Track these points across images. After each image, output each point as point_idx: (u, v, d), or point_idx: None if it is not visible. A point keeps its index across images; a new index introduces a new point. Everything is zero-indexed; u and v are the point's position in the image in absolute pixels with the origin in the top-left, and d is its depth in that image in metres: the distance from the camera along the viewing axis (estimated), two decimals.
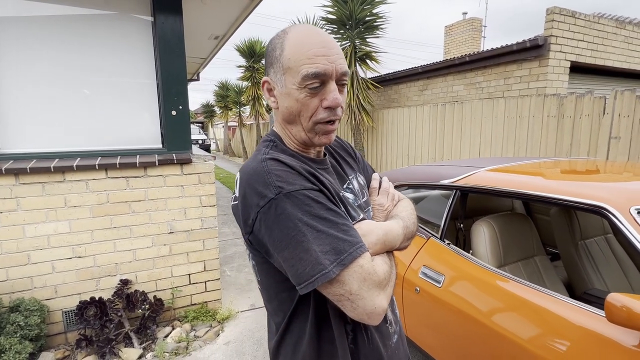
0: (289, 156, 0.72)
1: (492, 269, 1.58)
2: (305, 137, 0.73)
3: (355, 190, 0.85)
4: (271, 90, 0.74)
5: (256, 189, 0.64)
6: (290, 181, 0.64)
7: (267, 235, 0.63)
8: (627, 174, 1.83)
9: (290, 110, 0.71)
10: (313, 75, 0.67)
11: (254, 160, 0.70)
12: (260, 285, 0.79)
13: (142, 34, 2.45)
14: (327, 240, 0.60)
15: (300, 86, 0.68)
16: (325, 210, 0.63)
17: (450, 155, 5.79)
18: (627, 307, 1.02)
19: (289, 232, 0.61)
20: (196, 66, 5.85)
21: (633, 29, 5.86)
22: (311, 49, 0.67)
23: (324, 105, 0.69)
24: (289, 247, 0.61)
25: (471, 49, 10.60)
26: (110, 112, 2.43)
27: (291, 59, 0.68)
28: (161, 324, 2.59)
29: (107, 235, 2.39)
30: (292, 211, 0.61)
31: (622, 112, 3.72)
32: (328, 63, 0.68)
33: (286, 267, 0.62)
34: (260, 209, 0.63)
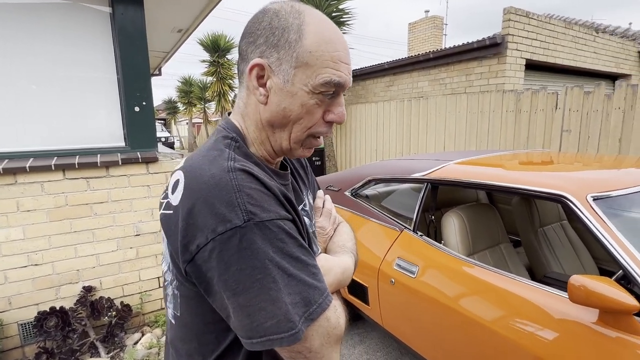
0: (255, 165, 0.57)
1: (462, 258, 1.64)
2: (287, 146, 0.61)
3: (309, 212, 0.74)
4: (263, 77, 0.57)
5: (215, 207, 0.48)
6: (264, 206, 0.50)
7: (219, 272, 0.48)
8: (579, 164, 1.97)
9: (288, 113, 0.57)
10: (336, 85, 0.56)
11: (214, 163, 0.53)
12: (175, 320, 0.61)
13: (99, 26, 2.30)
14: (298, 287, 0.49)
15: (314, 91, 0.55)
16: (297, 247, 0.52)
17: (417, 149, 5.96)
18: (584, 286, 1.10)
19: (254, 274, 0.47)
20: (158, 60, 5.60)
21: (579, 30, 6.30)
22: (338, 51, 0.56)
23: (328, 119, 0.59)
24: (248, 292, 0.47)
25: (433, 46, 10.93)
26: (67, 110, 2.27)
27: (314, 54, 0.55)
28: (130, 330, 2.48)
29: (66, 240, 2.24)
30: (262, 246, 0.48)
31: (572, 107, 4.00)
32: (348, 74, 0.58)
33: (237, 314, 0.48)
34: (217, 235, 0.47)
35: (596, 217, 1.24)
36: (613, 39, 7.09)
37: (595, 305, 1.08)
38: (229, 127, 0.62)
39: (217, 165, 0.52)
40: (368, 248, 2.05)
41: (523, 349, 1.27)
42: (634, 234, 1.23)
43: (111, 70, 2.38)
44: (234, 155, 0.55)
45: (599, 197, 1.30)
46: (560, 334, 1.20)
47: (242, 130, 0.62)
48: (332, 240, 0.75)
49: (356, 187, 2.34)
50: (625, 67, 7.51)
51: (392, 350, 2.37)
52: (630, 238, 1.19)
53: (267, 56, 0.56)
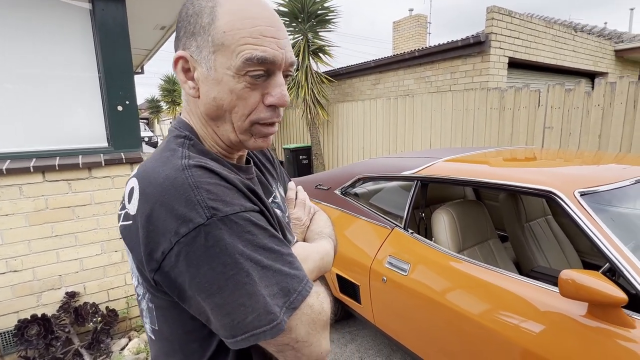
0: (213, 161, 0.55)
1: (453, 255, 1.66)
2: (235, 138, 0.57)
3: (281, 204, 0.72)
4: (189, 70, 0.55)
5: (174, 209, 0.46)
6: (226, 200, 0.48)
7: (189, 275, 0.46)
8: (562, 160, 2.02)
9: (220, 103, 0.54)
10: (259, 60, 0.51)
11: (167, 164, 0.50)
12: (154, 335, 0.58)
13: (79, 22, 2.22)
14: (274, 278, 0.48)
15: (239, 73, 0.51)
16: (269, 237, 0.50)
17: (403, 147, 6.00)
18: (572, 279, 1.12)
19: (226, 271, 0.45)
20: (141, 58, 5.47)
21: (559, 29, 6.46)
22: (257, 25, 0.51)
23: (268, 102, 0.54)
24: (223, 290, 0.45)
25: (418, 45, 11.04)
26: (46, 109, 2.18)
27: (228, 33, 0.51)
28: (116, 335, 2.41)
29: (47, 245, 2.16)
30: (231, 241, 0.46)
31: (554, 104, 4.10)
32: (278, 48, 0.52)
33: (215, 315, 0.47)
34: (181, 238, 0.45)
35: (584, 212, 1.26)
36: (591, 38, 7.30)
37: (584, 298, 1.10)
38: (180, 126, 0.59)
39: (171, 165, 0.50)
40: (359, 247, 2.05)
41: (514, 343, 1.29)
42: (620, 228, 1.26)
43: (92, 69, 2.30)
44: (187, 153, 0.53)
45: (586, 192, 1.33)
46: (551, 327, 1.23)
47: (195, 128, 0.59)
48: (309, 229, 0.74)
49: (346, 186, 2.34)
50: (603, 65, 7.75)
51: (383, 347, 2.38)
52: (617, 232, 1.22)
53: (188, 47, 0.54)
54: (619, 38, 8.38)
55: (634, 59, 8.43)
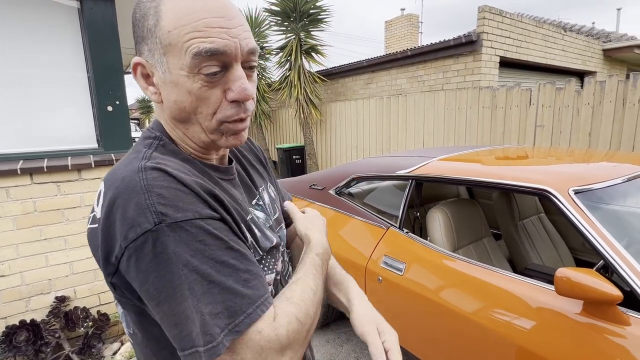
0: (182, 162, 0.53)
1: (448, 254, 1.66)
2: (206, 139, 0.54)
3: (266, 205, 0.68)
4: (149, 76, 0.53)
5: (125, 212, 0.44)
6: (178, 205, 0.45)
7: (140, 281, 0.45)
8: (554, 158, 2.03)
9: (181, 105, 0.51)
10: (208, 53, 0.47)
11: (128, 166, 0.48)
12: (131, 339, 0.58)
13: (67, 21, 2.18)
14: (220, 296, 0.44)
15: (192, 71, 0.48)
16: (225, 250, 0.47)
17: (396, 146, 6.02)
18: (567, 277, 1.12)
19: (172, 281, 0.43)
20: (130, 57, 5.40)
21: (549, 28, 6.53)
22: (202, 18, 0.48)
23: (230, 98, 0.51)
24: (169, 300, 0.44)
25: (410, 44, 11.08)
26: (33, 110, 2.13)
27: (173, 31, 0.48)
28: (108, 340, 2.37)
29: (36, 249, 2.11)
30: (178, 250, 0.43)
31: (545, 102, 4.14)
32: (229, 37, 0.49)
33: (164, 324, 0.45)
34: (130, 243, 0.43)
35: (578, 210, 1.27)
36: (579, 37, 7.40)
37: (580, 296, 1.11)
38: (153, 127, 0.58)
39: (130, 166, 0.48)
40: (354, 247, 2.04)
41: (511, 341, 1.29)
42: (614, 226, 1.27)
43: (81, 68, 2.25)
44: (150, 154, 0.51)
45: (580, 190, 1.34)
46: (546, 325, 1.23)
47: (167, 129, 0.57)
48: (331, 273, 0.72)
49: (340, 186, 2.33)
50: (591, 64, 7.86)
51: None
52: (610, 229, 1.23)
53: (142, 52, 0.52)
54: (607, 37, 8.51)
55: (622, 58, 8.57)
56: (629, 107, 3.53)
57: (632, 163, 1.68)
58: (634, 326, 1.07)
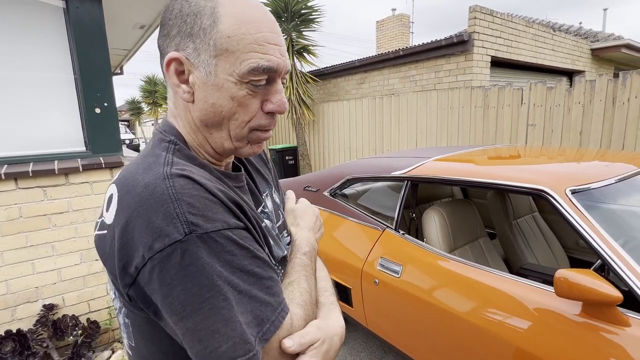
0: (199, 168, 0.52)
1: (445, 255, 1.64)
2: (230, 146, 0.54)
3: (270, 212, 0.67)
4: (183, 73, 0.51)
5: (151, 221, 0.42)
6: (208, 215, 0.44)
7: (163, 294, 0.43)
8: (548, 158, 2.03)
9: (219, 109, 0.50)
10: (265, 70, 0.49)
11: (148, 171, 0.47)
12: (131, 352, 0.56)
13: (52, 21, 2.11)
14: (250, 305, 0.44)
15: (242, 80, 0.49)
16: (250, 259, 0.46)
17: (389, 146, 6.02)
18: (566, 278, 1.11)
19: (202, 293, 0.42)
20: (119, 58, 5.30)
21: (539, 28, 6.60)
22: (261, 32, 0.49)
23: (267, 109, 0.52)
24: (197, 314, 0.42)
25: (401, 44, 11.11)
26: (18, 113, 2.07)
27: (233, 39, 0.48)
28: (98, 348, 2.31)
29: (22, 256, 2.05)
30: (209, 261, 0.42)
31: (536, 102, 4.17)
32: (280, 56, 0.51)
33: (187, 340, 0.43)
34: (155, 254, 0.42)
35: (576, 210, 1.26)
36: (568, 37, 7.49)
37: (579, 297, 1.10)
38: (166, 130, 0.55)
39: (152, 172, 0.46)
40: (350, 249, 2.01)
41: (508, 343, 1.28)
42: (611, 225, 1.27)
43: (68, 69, 2.19)
44: (171, 160, 0.49)
45: (577, 190, 1.33)
46: (544, 326, 1.22)
47: (183, 132, 0.55)
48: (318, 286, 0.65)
49: (335, 187, 2.30)
50: (580, 64, 7.96)
51: (375, 349, 2.36)
52: (608, 229, 1.22)
53: (183, 48, 0.50)
54: (595, 37, 8.64)
55: (609, 57, 8.69)
56: (619, 106, 3.57)
57: (624, 162, 1.69)
58: (634, 327, 1.06)
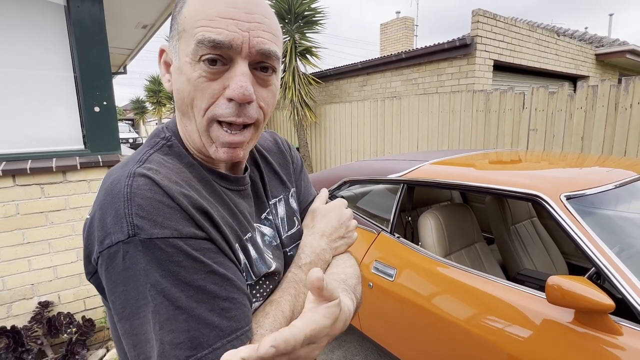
0: (184, 167, 0.49)
1: (440, 259, 1.63)
2: (199, 141, 0.50)
3: (278, 219, 0.62)
4: (169, 64, 0.52)
5: (105, 217, 0.42)
6: (157, 220, 0.41)
7: (108, 291, 0.42)
8: (547, 163, 2.02)
9: (182, 95, 0.48)
10: (210, 43, 0.44)
11: (124, 167, 0.46)
12: (113, 338, 0.56)
13: (53, 20, 2.13)
14: (186, 324, 0.40)
15: (194, 59, 0.46)
16: (204, 274, 0.42)
17: (391, 149, 6.00)
18: (559, 286, 1.10)
19: (137, 300, 0.40)
20: (122, 58, 5.33)
21: (542, 32, 6.57)
22: (216, 7, 0.45)
23: (226, 95, 0.47)
24: (131, 318, 0.41)
25: (405, 47, 11.10)
26: (17, 111, 2.08)
27: (188, 17, 0.46)
28: (93, 346, 2.31)
29: (18, 253, 2.05)
30: (147, 269, 0.40)
31: (538, 106, 4.15)
32: (238, 30, 0.45)
33: (124, 342, 0.42)
34: (104, 249, 0.41)
35: (570, 216, 1.25)
36: (572, 42, 7.45)
37: (571, 305, 1.08)
38: (168, 126, 0.56)
39: (124, 169, 0.46)
40: None
41: (501, 350, 1.26)
42: (606, 232, 1.25)
43: (67, 68, 2.20)
44: (147, 157, 0.48)
45: (572, 196, 1.32)
46: (538, 333, 1.20)
47: (179, 127, 0.54)
48: (330, 271, 0.59)
49: (332, 189, 2.29)
50: (584, 69, 7.92)
51: (370, 353, 2.34)
52: (602, 235, 1.21)
53: (170, 39, 0.51)
54: (600, 42, 8.59)
55: (614, 62, 8.65)
56: (621, 112, 3.54)
57: (624, 168, 1.67)
58: (626, 336, 1.04)
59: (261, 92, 0.50)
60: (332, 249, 0.62)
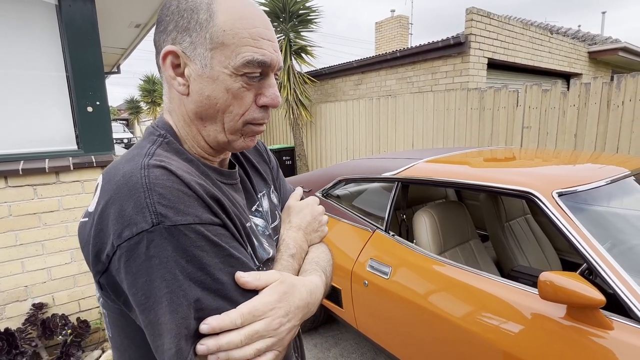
0: (185, 162, 0.52)
1: (434, 257, 1.64)
2: (223, 139, 0.54)
3: (265, 212, 0.66)
4: (179, 66, 0.53)
5: (122, 209, 0.42)
6: (179, 207, 0.43)
7: (128, 284, 0.43)
8: (540, 160, 2.03)
9: (214, 101, 0.51)
10: (259, 64, 0.51)
11: (131, 161, 0.47)
12: (110, 342, 0.56)
13: (44, 19, 2.11)
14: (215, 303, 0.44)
15: (237, 73, 0.50)
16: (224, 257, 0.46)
17: (386, 147, 6.02)
18: (551, 282, 1.11)
19: (162, 288, 0.41)
20: (116, 57, 5.29)
21: (536, 30, 6.61)
22: (256, 27, 0.51)
23: (261, 103, 0.53)
24: (156, 308, 0.41)
25: (400, 45, 11.12)
26: (9, 110, 2.06)
27: (228, 32, 0.49)
28: (88, 348, 2.30)
29: (11, 255, 2.04)
30: (174, 255, 0.42)
31: (532, 104, 4.17)
32: (274, 52, 0.53)
33: (149, 334, 0.43)
34: (124, 242, 0.42)
35: (562, 212, 1.26)
36: (566, 39, 7.50)
37: (563, 300, 1.09)
38: (159, 125, 0.57)
39: (133, 163, 0.47)
40: (341, 250, 2.01)
41: (495, 346, 1.28)
42: (598, 228, 1.27)
43: (60, 68, 2.18)
44: (154, 151, 0.50)
45: (564, 193, 1.33)
46: (531, 329, 1.22)
47: (175, 127, 0.56)
48: (306, 256, 0.66)
49: (327, 188, 2.30)
50: (577, 66, 7.98)
51: (367, 351, 2.35)
52: (594, 232, 1.22)
53: (180, 42, 0.52)
54: (592, 40, 8.66)
55: (606, 60, 8.72)
56: (613, 109, 3.57)
57: (616, 164, 1.69)
58: (617, 330, 1.06)
59: None
60: (308, 240, 0.68)
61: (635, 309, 1.05)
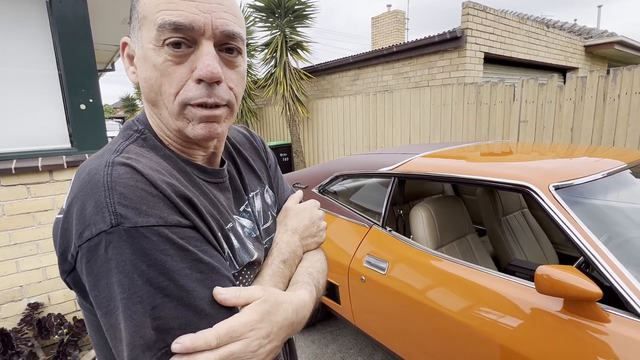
0: (162, 159, 0.49)
1: (431, 252, 1.64)
2: (174, 126, 0.50)
3: (256, 212, 0.63)
4: (132, 57, 0.51)
5: (83, 209, 0.40)
6: (141, 208, 0.40)
7: (90, 285, 0.41)
8: (537, 154, 2.03)
9: (149, 83, 0.48)
10: (172, 25, 0.44)
11: (99, 158, 0.45)
12: (91, 341, 0.54)
13: (35, 16, 2.08)
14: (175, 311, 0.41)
15: (158, 44, 0.45)
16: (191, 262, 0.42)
17: (383, 142, 6.01)
18: (548, 275, 1.11)
19: (122, 292, 0.39)
20: (109, 54, 5.23)
21: (532, 24, 6.60)
22: None
23: (194, 76, 0.46)
24: (116, 312, 0.39)
25: (396, 40, 11.08)
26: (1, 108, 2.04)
27: (147, 3, 0.46)
28: (85, 347, 2.29)
29: (5, 254, 2.02)
30: (133, 258, 0.39)
31: (528, 98, 4.17)
32: (199, 12, 0.45)
33: (110, 337, 0.41)
34: (84, 242, 0.40)
35: (558, 206, 1.26)
36: (562, 33, 7.50)
37: (560, 294, 1.09)
38: (138, 119, 0.54)
39: (100, 159, 0.44)
40: (338, 246, 2.00)
41: (493, 340, 1.27)
42: (594, 221, 1.27)
43: (51, 65, 2.15)
44: (124, 147, 0.47)
45: (560, 186, 1.32)
46: (529, 323, 1.22)
47: (149, 120, 0.54)
48: (300, 264, 0.62)
49: (324, 184, 2.29)
50: (573, 60, 7.98)
51: (364, 347, 2.36)
52: (590, 225, 1.22)
53: (130, 32, 0.51)
54: (589, 34, 8.65)
55: (603, 54, 8.72)
56: (610, 102, 3.57)
57: (612, 157, 1.69)
58: (613, 323, 1.06)
59: (229, 74, 0.50)
60: (303, 245, 0.64)
61: (631, 301, 1.05)
